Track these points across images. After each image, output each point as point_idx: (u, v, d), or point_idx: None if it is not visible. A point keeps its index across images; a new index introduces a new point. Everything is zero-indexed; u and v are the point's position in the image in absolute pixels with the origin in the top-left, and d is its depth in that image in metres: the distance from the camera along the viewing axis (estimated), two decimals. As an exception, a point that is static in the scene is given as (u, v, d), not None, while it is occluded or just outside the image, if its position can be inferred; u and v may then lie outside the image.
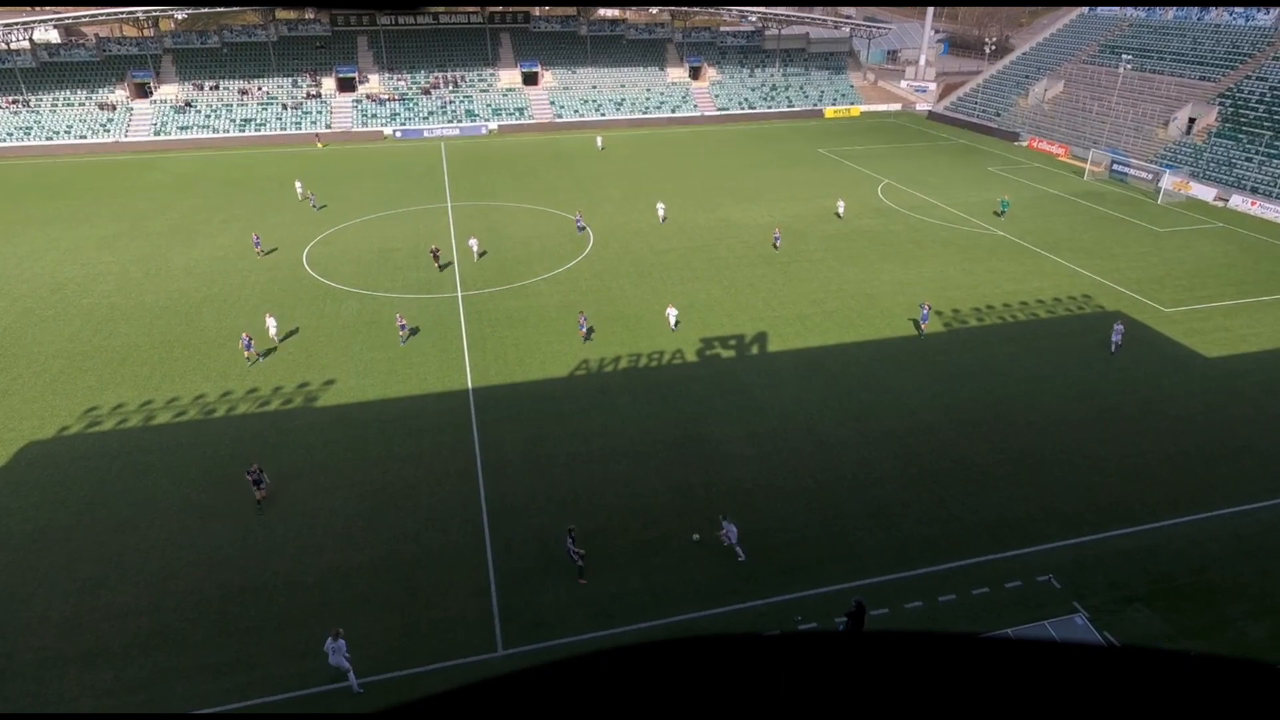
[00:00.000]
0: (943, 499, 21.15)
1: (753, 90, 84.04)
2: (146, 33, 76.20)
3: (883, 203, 49.20)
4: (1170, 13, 70.00)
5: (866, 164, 59.92)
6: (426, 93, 77.07)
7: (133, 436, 24.17)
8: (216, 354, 29.36)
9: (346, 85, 76.63)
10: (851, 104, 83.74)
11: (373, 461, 22.88)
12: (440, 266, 37.61)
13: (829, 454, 23.16)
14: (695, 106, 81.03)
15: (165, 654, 16.42)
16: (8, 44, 70.77)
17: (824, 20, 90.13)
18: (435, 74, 79.03)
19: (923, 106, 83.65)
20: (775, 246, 40.39)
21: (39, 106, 69.20)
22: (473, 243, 39.60)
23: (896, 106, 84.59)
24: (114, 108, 70.30)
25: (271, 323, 30.09)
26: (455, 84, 78.71)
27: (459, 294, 34.94)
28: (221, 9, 71.59)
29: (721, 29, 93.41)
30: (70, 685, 15.71)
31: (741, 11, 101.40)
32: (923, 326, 30.43)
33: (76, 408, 25.74)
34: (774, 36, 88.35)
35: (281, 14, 78.57)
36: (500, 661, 16.32)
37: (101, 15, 70.88)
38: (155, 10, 68.43)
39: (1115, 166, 55.67)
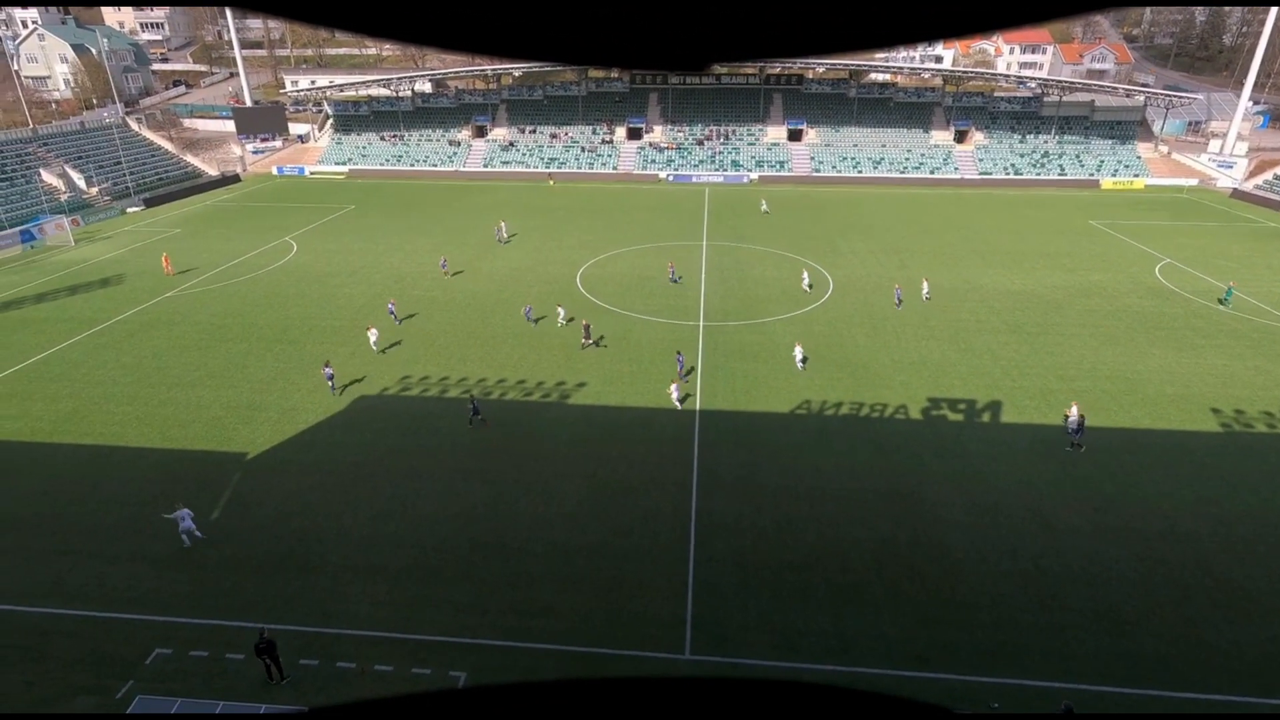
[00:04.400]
0: (1192, 618, 17.38)
1: (1021, 156, 76.59)
2: (491, 86, 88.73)
3: (1159, 283, 42.10)
4: None
5: (1145, 240, 51.71)
6: (700, 143, 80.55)
7: (430, 403, 27.90)
8: (499, 347, 32.94)
9: (634, 134, 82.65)
10: (1135, 176, 72.89)
11: (604, 458, 24.14)
12: (588, 342, 32.50)
13: (1055, 540, 20.14)
14: (956, 169, 75.72)
15: (423, 583, 18.64)
16: (396, 92, 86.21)
17: (1114, 88, 79.68)
18: (710, 127, 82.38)
19: (1225, 183, 70.36)
20: (898, 304, 37.97)
21: (409, 141, 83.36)
22: (560, 310, 35.31)
23: (1192, 182, 72.04)
24: (459, 144, 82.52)
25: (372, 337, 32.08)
26: (726, 137, 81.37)
27: (701, 323, 35.83)
28: (549, 68, 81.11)
29: (995, 94, 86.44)
30: (357, 590, 18.42)
31: (1019, 77, 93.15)
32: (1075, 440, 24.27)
33: (396, 374, 30.31)
34: (1053, 103, 79.87)
35: (592, 73, 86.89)
36: (687, 664, 16.30)
37: (463, 72, 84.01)
38: (501, 68, 79.52)
39: None
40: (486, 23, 0.83)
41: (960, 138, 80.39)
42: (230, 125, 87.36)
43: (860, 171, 76.31)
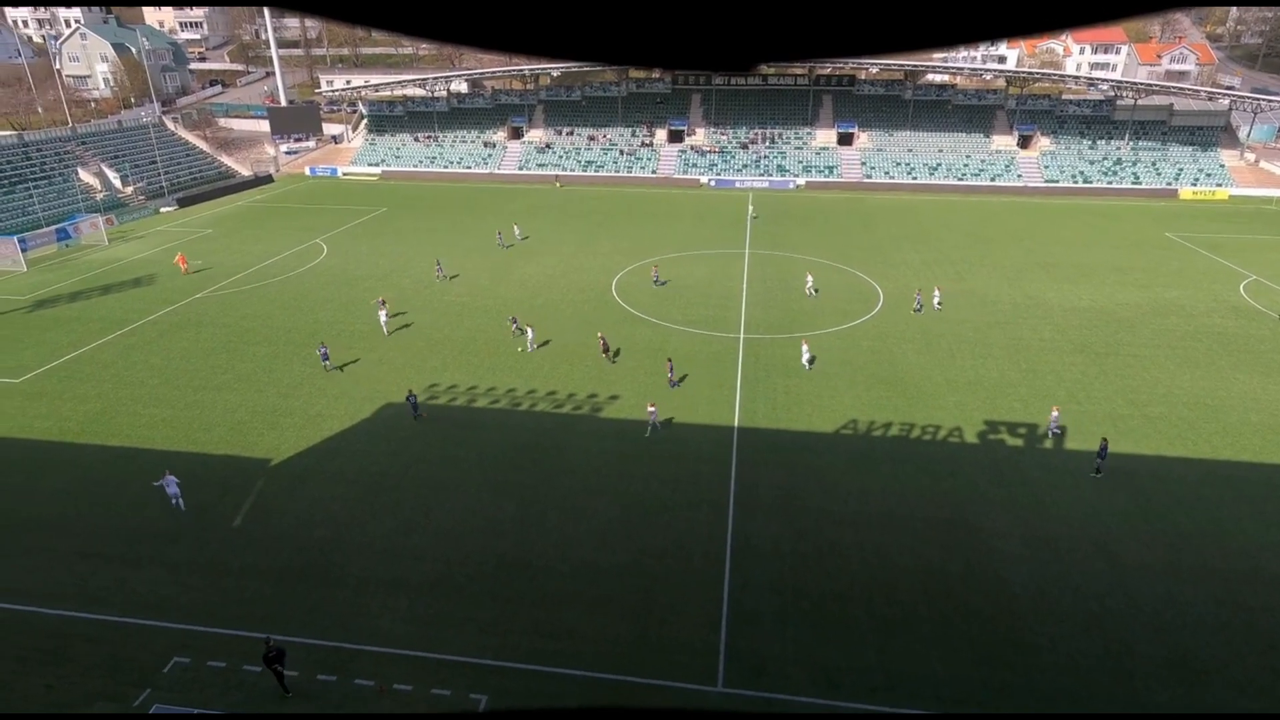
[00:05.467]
0: (1278, 669, 16.58)
1: (1091, 163, 74.82)
2: (528, 86, 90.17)
3: (1245, 301, 40.59)
4: None
5: (1228, 255, 49.95)
6: (744, 147, 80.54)
7: (457, 413, 28.25)
8: (530, 356, 33.22)
9: (676, 136, 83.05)
10: (1218, 185, 70.62)
11: (636, 475, 24.11)
12: (610, 357, 32.69)
13: (1124, 578, 19.45)
14: (1019, 176, 74.29)
15: (446, 599, 18.80)
16: (432, 93, 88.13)
17: (1195, 91, 77.42)
18: (755, 130, 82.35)
19: (1320, 194, 67.70)
20: (916, 309, 38.54)
21: (444, 142, 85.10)
22: (529, 331, 33.99)
23: (1282, 192, 69.54)
24: (494, 145, 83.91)
25: (382, 315, 35.77)
26: (772, 140, 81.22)
27: (741, 335, 35.66)
28: (588, 68, 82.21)
29: (1063, 96, 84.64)
30: (378, 603, 18.67)
31: (1090, 79, 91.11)
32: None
33: (424, 381, 30.78)
34: (1127, 107, 77.88)
35: (633, 73, 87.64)
36: (718, 697, 16.11)
37: (499, 72, 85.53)
38: (539, 68, 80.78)
39: None
40: (526, 22, 0.85)
41: (1024, 143, 78.89)
42: (265, 125, 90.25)
43: (915, 178, 75.39)
